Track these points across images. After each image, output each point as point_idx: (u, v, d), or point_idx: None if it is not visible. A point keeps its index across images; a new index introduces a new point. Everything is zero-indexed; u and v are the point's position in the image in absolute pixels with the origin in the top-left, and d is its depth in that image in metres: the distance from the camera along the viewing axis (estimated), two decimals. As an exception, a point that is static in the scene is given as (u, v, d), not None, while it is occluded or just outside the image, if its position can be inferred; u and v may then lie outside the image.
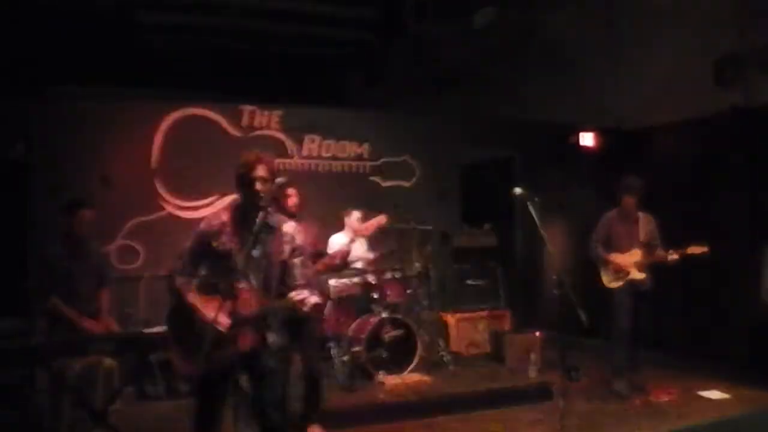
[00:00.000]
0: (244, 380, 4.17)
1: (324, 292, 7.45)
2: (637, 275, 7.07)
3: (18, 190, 7.65)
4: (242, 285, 3.98)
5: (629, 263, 7.10)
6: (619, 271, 7.15)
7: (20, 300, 6.87)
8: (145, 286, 7.64)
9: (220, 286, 3.96)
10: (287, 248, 4.14)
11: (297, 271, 4.19)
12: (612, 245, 7.25)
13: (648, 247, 7.10)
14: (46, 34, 8.07)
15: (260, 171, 4.05)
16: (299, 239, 4.20)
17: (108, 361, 5.53)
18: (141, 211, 8.06)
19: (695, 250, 6.76)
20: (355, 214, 7.86)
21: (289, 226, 4.20)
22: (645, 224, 7.18)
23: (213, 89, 9.16)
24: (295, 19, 8.50)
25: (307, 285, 4.18)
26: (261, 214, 4.02)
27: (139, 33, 8.33)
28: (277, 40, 9.07)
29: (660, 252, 6.99)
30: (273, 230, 4.11)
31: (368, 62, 9.96)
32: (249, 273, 4.01)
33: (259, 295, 4.02)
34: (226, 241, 4.03)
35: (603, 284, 7.26)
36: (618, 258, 7.16)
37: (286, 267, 4.15)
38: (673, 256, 6.84)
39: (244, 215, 4.09)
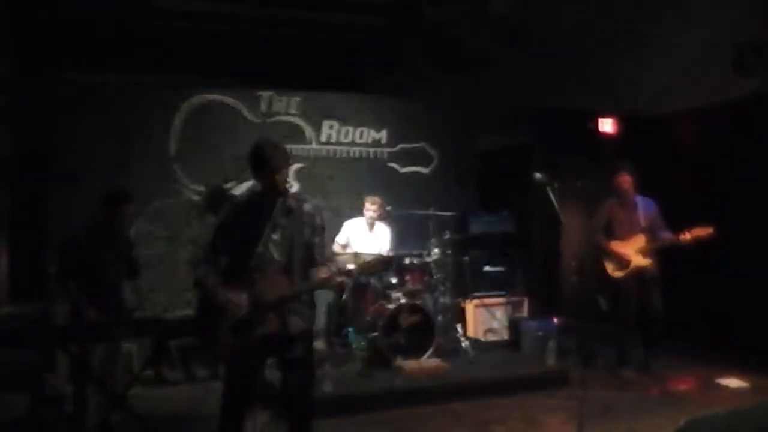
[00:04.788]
0: (269, 367, 4.20)
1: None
2: (641, 262, 7.00)
3: (36, 177, 7.71)
4: (265, 270, 4.00)
5: (631, 251, 7.02)
6: (621, 260, 7.08)
7: (40, 285, 6.97)
8: (164, 271, 7.67)
9: (241, 272, 3.98)
10: (308, 229, 4.16)
11: (319, 251, 4.22)
12: (614, 233, 7.18)
13: (651, 232, 7.02)
14: (62, 19, 8.09)
15: (278, 160, 4.06)
16: (318, 219, 4.22)
17: (128, 346, 5.58)
18: (160, 196, 8.10)
19: (700, 232, 6.65)
20: (371, 200, 7.88)
21: (308, 206, 4.21)
22: (645, 208, 7.11)
23: (230, 75, 9.15)
24: (312, 4, 8.46)
25: (328, 262, 4.22)
26: (280, 200, 4.06)
27: (155, 18, 8.32)
28: (294, 26, 9.04)
29: (668, 235, 6.91)
30: (292, 212, 4.11)
31: (385, 48, 9.91)
32: (271, 258, 4.03)
33: (282, 280, 4.03)
34: (249, 228, 4.04)
35: (608, 273, 7.20)
36: (619, 246, 7.10)
37: (308, 248, 4.17)
38: (686, 237, 6.70)
39: (263, 201, 4.10)
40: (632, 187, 7.12)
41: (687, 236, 6.73)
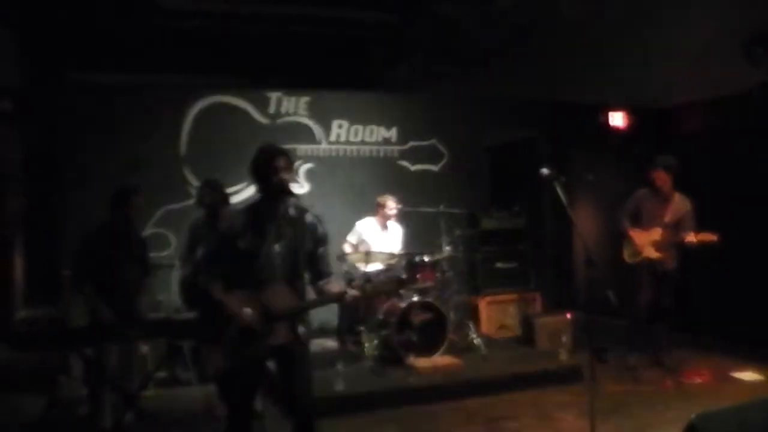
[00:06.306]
0: (272, 367, 4.19)
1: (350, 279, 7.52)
2: (652, 254, 7.05)
3: (50, 180, 7.77)
4: (269, 280, 3.99)
5: (646, 242, 7.08)
6: (635, 248, 7.15)
7: (55, 288, 7.02)
8: (176, 273, 7.70)
9: (245, 282, 3.98)
10: (309, 240, 4.14)
11: (324, 262, 4.22)
12: (640, 221, 7.23)
13: (673, 229, 7.02)
14: (72, 22, 8.14)
15: (282, 161, 4.06)
16: (320, 229, 4.20)
17: (142, 347, 5.62)
18: (171, 198, 8.14)
19: (705, 237, 6.69)
20: (390, 201, 7.87)
21: (310, 217, 4.19)
22: (677, 205, 7.10)
23: (238, 75, 9.19)
24: (319, 1, 8.47)
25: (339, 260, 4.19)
26: (282, 209, 4.05)
27: (163, 19, 8.35)
28: (301, 24, 9.05)
29: (681, 234, 6.91)
30: (295, 222, 4.10)
31: (393, 44, 9.91)
32: (276, 267, 4.03)
33: (287, 290, 4.02)
34: (250, 239, 4.02)
35: (622, 258, 7.28)
36: (637, 234, 7.16)
37: (312, 259, 4.17)
38: (691, 239, 6.75)
39: (266, 208, 4.08)
40: (667, 184, 7.12)
41: (693, 239, 6.76)
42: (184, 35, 8.69)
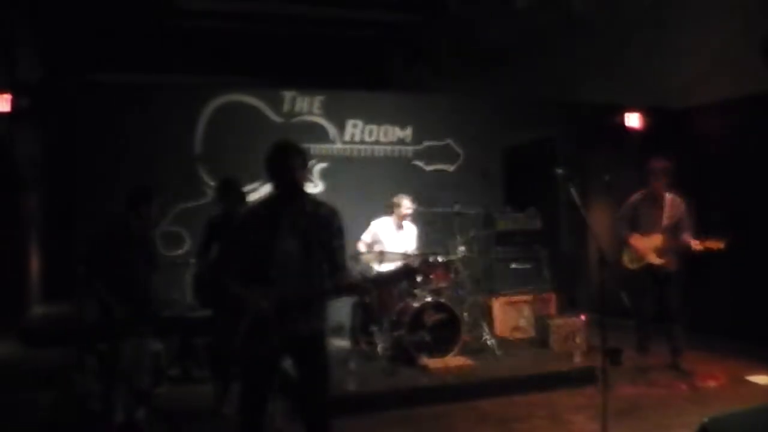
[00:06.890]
0: (288, 365, 4.19)
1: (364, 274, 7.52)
2: (655, 260, 6.98)
3: (65, 178, 7.82)
4: (283, 275, 3.99)
5: (647, 247, 7.00)
6: (637, 254, 7.08)
7: (71, 285, 7.06)
8: (191, 271, 7.73)
9: (260, 275, 3.98)
10: (325, 232, 4.10)
11: (340, 255, 4.19)
12: (638, 226, 7.15)
13: (672, 231, 6.96)
14: (88, 22, 8.20)
15: (296, 159, 4.05)
16: (336, 222, 4.18)
17: (155, 344, 5.63)
18: (185, 197, 8.18)
19: (712, 245, 6.60)
20: (405, 201, 7.86)
21: (325, 209, 4.18)
22: (672, 207, 7.03)
23: (253, 74, 9.21)
24: (335, 2, 8.50)
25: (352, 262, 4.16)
26: (297, 203, 4.04)
27: (179, 19, 8.41)
28: (317, 24, 9.09)
29: (685, 238, 6.83)
30: (309, 215, 4.08)
31: (409, 44, 9.92)
32: (290, 260, 4.01)
33: (301, 282, 4.02)
34: (266, 232, 4.02)
35: (625, 264, 7.20)
36: (637, 241, 7.08)
37: (328, 252, 4.14)
38: (698, 247, 6.67)
39: (279, 204, 4.08)
40: (660, 187, 7.05)
41: (699, 245, 6.69)
42: (201, 35, 8.75)
